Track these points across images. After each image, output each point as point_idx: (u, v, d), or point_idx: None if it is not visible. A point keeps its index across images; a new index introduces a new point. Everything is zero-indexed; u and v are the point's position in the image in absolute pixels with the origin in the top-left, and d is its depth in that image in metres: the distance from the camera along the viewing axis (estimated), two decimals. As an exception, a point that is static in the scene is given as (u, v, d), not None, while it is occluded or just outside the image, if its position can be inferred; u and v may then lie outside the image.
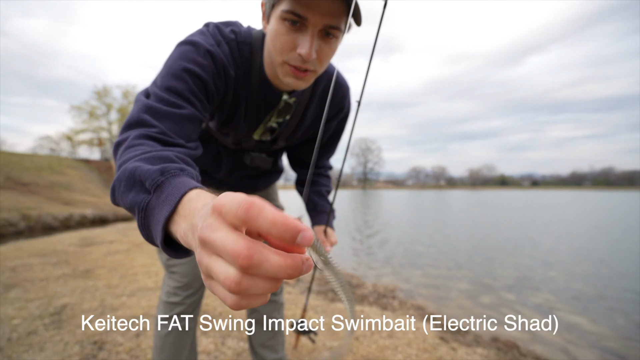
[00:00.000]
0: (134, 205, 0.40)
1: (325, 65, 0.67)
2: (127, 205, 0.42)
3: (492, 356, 1.83)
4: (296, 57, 0.62)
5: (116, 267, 3.25)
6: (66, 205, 9.52)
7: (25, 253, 3.77)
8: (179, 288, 0.94)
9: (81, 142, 32.85)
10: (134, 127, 0.52)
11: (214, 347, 1.67)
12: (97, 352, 1.59)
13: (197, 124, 0.61)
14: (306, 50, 0.59)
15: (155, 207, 0.37)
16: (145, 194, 0.39)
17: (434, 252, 5.59)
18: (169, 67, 0.61)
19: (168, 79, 0.59)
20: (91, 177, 17.25)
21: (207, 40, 0.66)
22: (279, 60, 0.64)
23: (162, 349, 0.95)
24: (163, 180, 0.39)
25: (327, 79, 0.85)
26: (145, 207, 0.38)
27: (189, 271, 0.95)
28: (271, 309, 1.15)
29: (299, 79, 0.65)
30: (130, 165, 0.43)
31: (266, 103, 0.77)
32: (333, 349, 0.52)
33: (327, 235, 1.00)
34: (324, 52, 0.62)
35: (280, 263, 0.22)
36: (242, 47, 0.71)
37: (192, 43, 0.64)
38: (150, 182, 0.39)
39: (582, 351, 2.23)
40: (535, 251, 5.69)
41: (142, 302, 2.24)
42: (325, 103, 0.84)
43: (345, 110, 0.94)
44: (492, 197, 36.75)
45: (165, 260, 0.96)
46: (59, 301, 2.23)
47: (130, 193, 0.41)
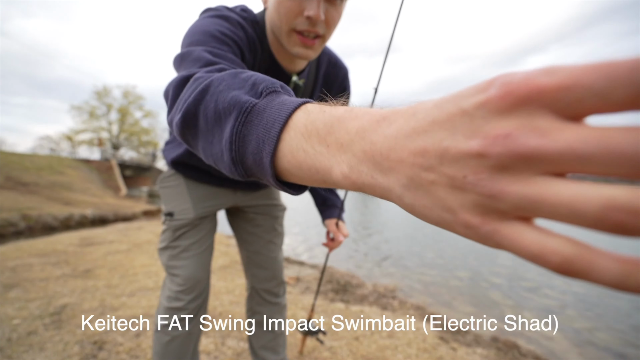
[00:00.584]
0: (234, 105, 0.29)
1: (333, 31, 0.64)
2: (222, 106, 0.30)
3: (492, 356, 1.83)
4: (304, 22, 0.59)
5: (116, 267, 3.25)
6: (66, 205, 9.52)
7: (25, 253, 3.76)
8: (182, 292, 0.89)
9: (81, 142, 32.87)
10: (209, 65, 0.42)
11: (214, 347, 1.67)
12: (97, 352, 1.58)
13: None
14: (314, 11, 0.57)
15: (267, 109, 0.27)
16: (255, 97, 0.29)
17: (434, 251, 5.58)
18: (201, 31, 0.53)
19: (205, 38, 0.51)
20: (91, 177, 17.26)
21: (236, 14, 0.64)
22: (286, 28, 0.61)
23: (162, 356, 0.91)
24: (280, 88, 0.30)
25: (328, 62, 0.84)
26: (252, 108, 0.28)
27: (192, 274, 0.90)
28: (273, 310, 1.12)
29: (308, 48, 0.63)
30: (239, 71, 0.34)
31: None
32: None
33: (339, 227, 1.02)
34: (331, 14, 0.60)
35: None
36: (255, 27, 0.68)
37: (223, 16, 0.60)
38: (266, 85, 0.30)
39: (582, 351, 2.23)
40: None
41: (142, 302, 2.24)
42: (329, 86, 0.85)
43: (347, 92, 0.92)
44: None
45: (167, 261, 0.92)
46: (59, 301, 2.23)
47: (231, 91, 0.30)
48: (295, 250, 5.44)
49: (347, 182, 0.22)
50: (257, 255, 1.07)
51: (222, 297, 2.39)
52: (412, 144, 0.18)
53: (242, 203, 1.02)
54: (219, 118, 0.30)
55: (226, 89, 0.31)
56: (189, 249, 0.92)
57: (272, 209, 1.08)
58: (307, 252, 5.43)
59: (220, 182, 0.96)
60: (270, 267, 1.08)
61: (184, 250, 0.92)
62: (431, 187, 0.17)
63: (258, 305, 1.12)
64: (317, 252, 5.35)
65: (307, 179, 0.25)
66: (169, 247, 0.92)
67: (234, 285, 2.70)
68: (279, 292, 1.13)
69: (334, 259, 4.94)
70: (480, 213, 0.16)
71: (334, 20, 0.62)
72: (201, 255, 0.94)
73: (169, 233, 0.93)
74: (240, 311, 2.13)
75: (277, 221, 1.10)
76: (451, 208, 0.17)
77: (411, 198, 0.18)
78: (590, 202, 0.13)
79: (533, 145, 0.14)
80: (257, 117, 0.27)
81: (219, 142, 0.30)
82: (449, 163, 0.16)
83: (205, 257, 0.96)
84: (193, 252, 0.92)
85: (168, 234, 0.93)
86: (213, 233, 1.00)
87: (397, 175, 0.19)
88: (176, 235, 0.92)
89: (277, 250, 1.11)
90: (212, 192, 0.96)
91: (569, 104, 0.13)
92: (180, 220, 0.91)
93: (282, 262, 1.14)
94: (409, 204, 0.19)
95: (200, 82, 0.34)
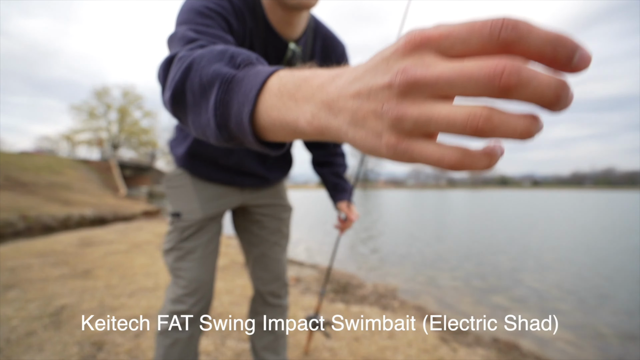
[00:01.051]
0: (216, 77, 0.33)
1: None
2: (206, 78, 0.34)
3: (492, 357, 1.82)
4: None
5: (115, 267, 3.24)
6: (65, 206, 9.50)
7: (24, 253, 3.76)
8: (186, 295, 0.89)
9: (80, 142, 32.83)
10: (191, 43, 0.45)
11: (213, 348, 1.66)
12: (96, 353, 1.58)
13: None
14: None
15: (245, 78, 0.31)
16: (233, 69, 0.33)
17: (434, 252, 5.58)
18: (188, 8, 0.55)
19: (192, 16, 0.53)
20: (90, 177, 17.24)
21: None
22: None
23: (165, 357, 0.91)
24: (255, 61, 0.34)
25: (325, 36, 0.84)
26: (231, 79, 0.32)
27: (197, 276, 0.90)
28: (275, 312, 1.13)
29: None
30: (217, 47, 0.37)
31: (274, 53, 0.75)
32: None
33: (350, 209, 1.07)
34: None
35: (551, 82, 0.17)
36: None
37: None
38: (243, 59, 0.34)
39: (583, 351, 2.23)
40: (536, 251, 5.69)
41: (142, 303, 2.23)
42: (326, 60, 0.85)
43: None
44: (493, 198, 36.77)
45: (172, 262, 0.92)
46: (58, 302, 2.22)
47: (212, 65, 0.34)
48: (295, 250, 5.44)
49: (310, 128, 0.26)
50: (263, 258, 1.07)
51: (222, 297, 2.38)
52: (351, 89, 0.23)
53: (248, 202, 1.02)
54: (204, 90, 0.34)
55: (207, 64, 0.34)
56: (195, 251, 0.91)
57: (278, 209, 1.08)
58: (307, 252, 5.42)
59: (228, 180, 0.94)
60: (275, 269, 1.09)
61: (190, 252, 0.91)
62: (365, 121, 0.22)
63: (260, 306, 1.12)
64: (317, 252, 5.35)
65: (280, 133, 0.29)
66: (175, 249, 0.91)
67: (234, 286, 2.70)
68: (281, 293, 1.13)
69: (334, 260, 4.94)
70: (396, 134, 0.21)
71: None
72: (207, 257, 0.93)
73: (175, 234, 0.91)
74: (240, 311, 2.12)
75: (283, 223, 1.10)
76: (378, 134, 0.22)
77: (353, 132, 0.23)
78: (459, 115, 0.18)
79: (419, 74, 0.19)
80: (237, 85, 0.31)
81: (205, 112, 0.34)
82: (373, 98, 0.21)
83: (211, 260, 0.95)
84: (199, 255, 0.91)
85: (174, 235, 0.92)
86: (219, 236, 0.99)
87: (344, 115, 0.23)
88: (183, 236, 0.91)
89: (282, 252, 1.11)
90: (219, 191, 0.95)
91: (447, 47, 0.19)
92: (187, 220, 0.90)
93: (286, 264, 1.14)
94: (352, 138, 0.23)
95: (184, 60, 0.37)
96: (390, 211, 15.27)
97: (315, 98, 0.25)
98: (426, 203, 23.19)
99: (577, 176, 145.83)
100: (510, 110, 0.18)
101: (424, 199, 30.23)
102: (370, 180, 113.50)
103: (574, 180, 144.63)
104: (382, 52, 0.22)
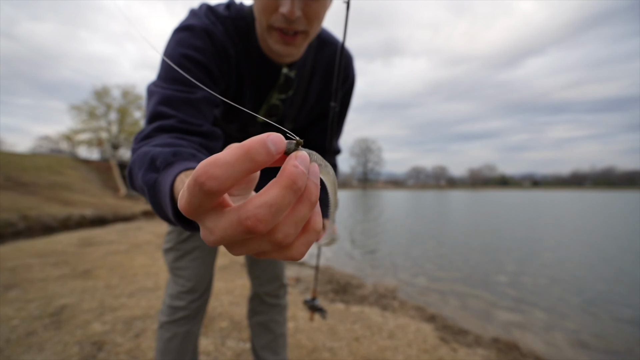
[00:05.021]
0: (144, 183, 0.41)
1: (317, 26, 0.62)
2: (140, 184, 0.43)
3: (492, 357, 1.82)
4: (280, 19, 0.58)
5: (115, 267, 3.24)
6: (65, 206, 9.50)
7: (24, 253, 3.76)
8: (184, 292, 0.92)
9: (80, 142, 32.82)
10: (153, 121, 0.53)
11: (213, 348, 1.66)
12: (96, 353, 1.58)
13: (211, 106, 0.60)
14: (287, 8, 0.55)
15: (162, 182, 0.38)
16: (154, 173, 0.40)
17: (434, 252, 5.58)
18: (169, 57, 0.60)
19: (171, 70, 0.58)
20: (90, 177, 17.24)
21: (202, 21, 0.64)
22: (265, 24, 0.60)
23: (164, 352, 0.93)
24: (174, 160, 0.40)
25: (330, 49, 0.81)
26: (154, 183, 0.39)
27: (194, 275, 0.93)
28: (274, 312, 1.15)
29: (289, 45, 0.62)
30: (145, 149, 0.45)
31: (267, 79, 0.74)
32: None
33: (325, 226, 1.05)
34: (311, 9, 0.57)
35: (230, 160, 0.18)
36: (237, 23, 0.68)
37: (188, 27, 0.62)
38: (161, 161, 0.41)
39: (583, 351, 2.23)
40: (536, 251, 5.68)
41: (142, 303, 2.23)
42: (329, 75, 0.81)
43: (350, 79, 0.90)
44: (493, 198, 36.75)
45: (171, 262, 0.94)
46: (58, 302, 2.22)
47: (141, 172, 0.42)
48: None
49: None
50: (261, 258, 1.07)
51: (221, 297, 2.38)
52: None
53: None
54: (143, 192, 0.43)
55: (138, 171, 0.43)
56: (194, 251, 0.94)
57: None
58: (307, 253, 5.41)
59: None
60: (272, 269, 1.10)
61: (188, 252, 0.93)
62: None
63: (259, 306, 1.14)
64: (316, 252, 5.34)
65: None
66: (174, 249, 0.94)
67: (234, 286, 2.70)
68: (279, 293, 1.15)
69: (334, 260, 4.94)
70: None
71: (317, 14, 0.59)
72: (205, 257, 0.96)
73: (175, 234, 0.94)
74: (240, 311, 2.12)
75: None
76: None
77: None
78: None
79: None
80: (158, 189, 0.39)
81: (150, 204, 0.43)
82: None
83: (208, 261, 0.98)
84: (198, 255, 0.94)
85: (174, 235, 0.94)
86: None
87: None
88: (182, 237, 0.93)
89: None
90: None
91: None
92: None
93: (283, 265, 1.16)
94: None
95: (131, 160, 0.48)
96: (391, 211, 15.27)
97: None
98: (426, 203, 23.18)
99: (577, 176, 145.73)
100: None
101: (424, 199, 30.22)
102: (370, 180, 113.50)
103: (574, 180, 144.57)
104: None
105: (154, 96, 0.56)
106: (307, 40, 0.63)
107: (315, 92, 0.84)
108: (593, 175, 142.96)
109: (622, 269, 4.49)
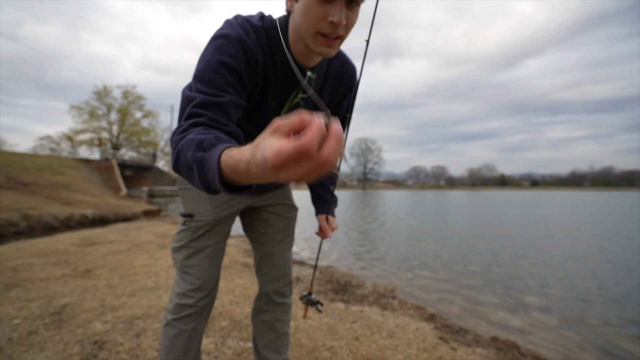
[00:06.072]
0: (194, 160, 0.50)
1: (350, 32, 0.75)
2: (189, 161, 0.52)
3: (492, 356, 1.83)
4: (328, 26, 0.69)
5: (116, 267, 3.25)
6: (66, 205, 9.52)
7: (25, 253, 3.77)
8: (193, 290, 0.96)
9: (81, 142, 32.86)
10: (188, 119, 0.64)
11: (214, 347, 1.67)
12: (97, 352, 1.59)
13: (238, 109, 0.72)
14: (338, 17, 0.67)
15: (209, 158, 0.48)
16: (202, 152, 0.50)
17: (434, 251, 5.59)
18: (206, 61, 0.70)
19: (207, 73, 0.69)
20: (91, 177, 17.27)
21: (237, 30, 0.74)
22: (312, 31, 0.71)
23: (169, 349, 0.96)
24: (217, 143, 0.51)
25: (339, 60, 0.93)
26: (202, 160, 0.49)
27: (203, 273, 0.96)
28: (279, 310, 1.16)
29: (330, 47, 0.73)
30: (190, 136, 0.55)
31: (292, 81, 0.85)
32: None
33: (329, 222, 1.12)
34: (350, 18, 0.70)
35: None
36: (269, 32, 0.79)
37: (224, 36, 0.72)
38: (207, 143, 0.51)
39: (582, 351, 2.24)
40: (535, 251, 5.69)
41: (143, 302, 2.24)
42: (338, 81, 0.95)
43: (354, 88, 1.01)
44: (492, 197, 36.73)
45: (182, 259, 0.98)
46: (60, 301, 2.23)
47: (190, 152, 0.52)
48: (296, 249, 5.44)
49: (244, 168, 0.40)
50: (270, 256, 1.12)
51: (222, 297, 2.39)
52: (251, 150, 0.37)
53: (255, 203, 1.08)
54: (190, 169, 0.52)
55: (187, 151, 0.53)
56: (204, 250, 0.98)
57: (284, 208, 1.13)
58: (307, 252, 5.43)
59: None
60: (280, 267, 1.13)
61: (200, 250, 0.97)
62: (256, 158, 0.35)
63: (265, 304, 1.16)
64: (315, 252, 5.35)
65: (235, 178, 0.44)
66: (185, 247, 0.98)
67: (234, 285, 2.71)
68: (286, 292, 1.16)
69: (334, 260, 4.94)
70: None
71: (352, 22, 0.72)
72: (215, 257, 1.00)
73: (187, 233, 0.98)
74: (240, 311, 2.13)
75: (289, 222, 1.15)
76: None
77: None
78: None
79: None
80: (206, 163, 0.48)
81: (194, 180, 0.53)
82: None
83: (218, 259, 1.01)
84: (207, 254, 0.98)
85: (186, 234, 0.98)
86: (226, 238, 1.06)
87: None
88: (195, 236, 0.97)
89: (288, 250, 1.16)
90: (229, 195, 0.99)
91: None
92: (199, 221, 0.97)
93: (291, 262, 1.18)
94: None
95: (175, 146, 0.58)
96: (390, 211, 15.27)
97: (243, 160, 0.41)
98: (426, 203, 23.18)
99: (576, 176, 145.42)
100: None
101: (423, 199, 30.21)
102: (370, 180, 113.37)
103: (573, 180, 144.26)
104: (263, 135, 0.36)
105: (190, 100, 0.66)
106: (341, 43, 0.75)
107: (326, 96, 0.94)
108: (592, 175, 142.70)
109: (621, 269, 4.49)
